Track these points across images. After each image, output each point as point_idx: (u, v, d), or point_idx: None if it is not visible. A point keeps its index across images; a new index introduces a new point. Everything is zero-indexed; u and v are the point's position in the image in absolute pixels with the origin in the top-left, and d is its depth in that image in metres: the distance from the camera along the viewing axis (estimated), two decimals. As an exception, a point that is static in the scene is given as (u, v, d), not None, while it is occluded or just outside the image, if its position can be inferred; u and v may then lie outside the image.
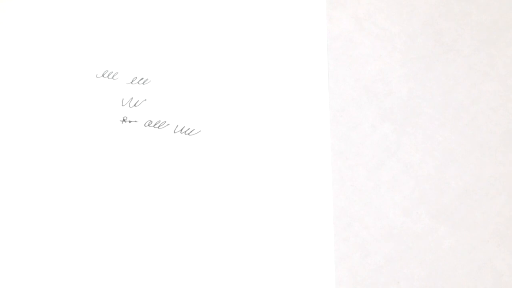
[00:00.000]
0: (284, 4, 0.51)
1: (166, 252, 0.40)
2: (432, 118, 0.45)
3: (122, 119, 0.45)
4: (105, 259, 0.40)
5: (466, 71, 0.47)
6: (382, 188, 0.42)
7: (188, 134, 0.45)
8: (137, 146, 0.44)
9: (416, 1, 0.51)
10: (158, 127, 0.45)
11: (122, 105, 0.46)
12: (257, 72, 0.48)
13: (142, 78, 0.47)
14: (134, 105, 0.46)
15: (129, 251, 0.40)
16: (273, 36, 0.49)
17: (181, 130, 0.45)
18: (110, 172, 0.43)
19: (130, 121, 0.45)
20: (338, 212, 0.41)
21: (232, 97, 0.46)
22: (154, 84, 0.47)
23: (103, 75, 0.48)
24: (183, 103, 0.46)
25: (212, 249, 0.40)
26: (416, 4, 0.51)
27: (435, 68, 0.48)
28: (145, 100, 0.46)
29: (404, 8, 0.51)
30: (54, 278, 0.39)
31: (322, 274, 0.39)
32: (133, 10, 0.51)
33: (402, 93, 0.46)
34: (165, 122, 0.45)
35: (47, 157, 0.43)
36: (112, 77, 0.47)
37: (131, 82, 0.47)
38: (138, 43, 0.49)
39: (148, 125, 0.45)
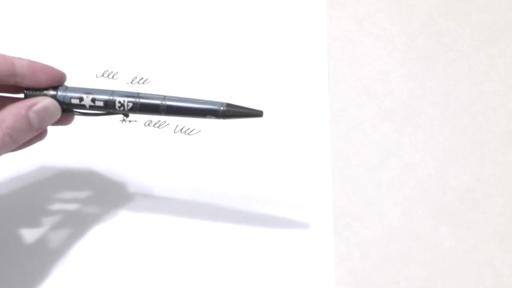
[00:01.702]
0: (284, 4, 0.51)
1: (165, 249, 0.40)
2: (432, 118, 0.45)
3: (122, 119, 0.45)
4: (104, 257, 0.40)
5: (466, 71, 0.47)
6: (382, 188, 0.42)
7: (188, 134, 0.45)
8: (137, 145, 0.44)
9: (416, 1, 0.51)
10: (158, 127, 0.45)
11: (122, 105, 0.46)
12: (257, 72, 0.48)
13: (142, 78, 0.47)
14: (134, 105, 0.46)
15: (128, 248, 0.40)
16: (273, 36, 0.49)
17: (181, 130, 0.45)
18: (110, 171, 0.43)
19: (130, 121, 0.45)
20: (338, 212, 0.41)
21: (232, 97, 0.46)
22: (154, 84, 0.47)
23: (103, 75, 0.48)
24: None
25: (211, 248, 0.40)
26: (416, 4, 0.51)
27: (435, 68, 0.48)
28: (145, 100, 0.46)
29: (404, 8, 0.51)
30: (53, 276, 0.39)
31: (322, 274, 0.39)
32: (133, 10, 0.51)
33: (402, 93, 0.46)
34: (165, 122, 0.45)
35: (47, 157, 0.43)
36: (112, 77, 0.47)
37: (131, 82, 0.47)
38: (138, 43, 0.49)
39: (148, 125, 0.45)
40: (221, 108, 0.33)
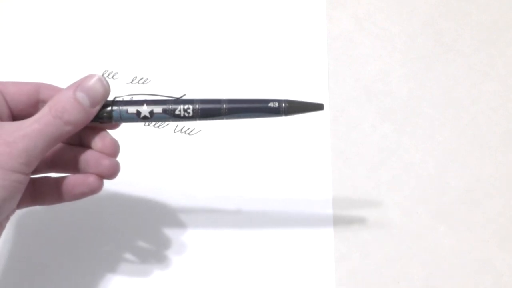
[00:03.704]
0: (284, 4, 0.51)
1: (165, 249, 0.40)
2: (432, 118, 0.45)
3: (122, 119, 0.45)
4: (103, 255, 0.40)
5: (466, 71, 0.47)
6: (382, 188, 0.42)
7: (188, 134, 0.45)
8: (137, 145, 0.44)
9: (416, 1, 0.51)
10: (158, 127, 0.45)
11: (122, 105, 0.46)
12: (257, 72, 0.48)
13: (142, 78, 0.47)
14: (134, 105, 0.46)
15: (128, 248, 0.40)
16: (273, 36, 0.49)
17: (181, 129, 0.45)
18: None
19: (130, 121, 0.45)
20: (338, 211, 0.41)
21: (232, 97, 0.46)
22: (154, 84, 0.47)
23: (103, 75, 0.48)
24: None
25: (210, 248, 0.40)
26: (416, 4, 0.51)
27: (435, 68, 0.48)
28: (145, 100, 0.46)
29: (404, 8, 0.51)
30: (53, 274, 0.39)
31: (322, 274, 0.39)
32: (133, 10, 0.51)
33: (402, 93, 0.46)
34: (165, 122, 0.45)
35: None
36: (112, 77, 0.47)
37: (131, 82, 0.47)
38: (138, 43, 0.49)
39: (148, 124, 0.45)
40: (283, 105, 0.32)
